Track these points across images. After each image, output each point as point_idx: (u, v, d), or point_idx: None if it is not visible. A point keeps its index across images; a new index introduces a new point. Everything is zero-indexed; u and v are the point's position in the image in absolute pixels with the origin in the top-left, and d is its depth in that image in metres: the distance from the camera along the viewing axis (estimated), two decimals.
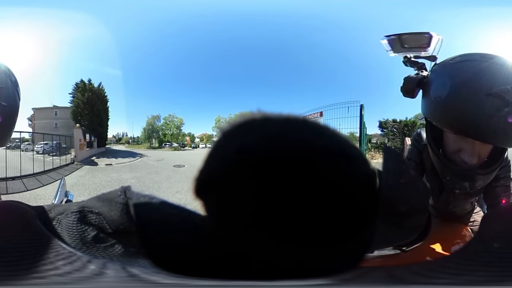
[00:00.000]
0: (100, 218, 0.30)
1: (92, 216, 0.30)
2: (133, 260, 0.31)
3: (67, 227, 0.31)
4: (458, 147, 0.74)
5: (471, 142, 0.71)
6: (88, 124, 16.75)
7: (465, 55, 0.67)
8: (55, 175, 8.67)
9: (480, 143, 0.70)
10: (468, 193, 0.96)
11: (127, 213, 0.29)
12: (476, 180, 0.76)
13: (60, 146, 12.56)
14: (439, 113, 0.71)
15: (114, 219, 0.29)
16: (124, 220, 0.29)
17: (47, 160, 10.21)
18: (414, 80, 0.77)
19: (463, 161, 0.74)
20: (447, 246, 0.82)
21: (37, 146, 13.20)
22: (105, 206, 0.30)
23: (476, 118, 0.62)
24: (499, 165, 0.77)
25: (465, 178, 0.76)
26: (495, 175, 0.89)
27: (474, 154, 0.72)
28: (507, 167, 0.92)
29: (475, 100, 0.61)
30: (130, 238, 0.30)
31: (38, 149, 12.62)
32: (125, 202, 0.29)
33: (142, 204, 0.28)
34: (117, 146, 25.39)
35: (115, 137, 29.55)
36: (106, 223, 0.30)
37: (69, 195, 1.16)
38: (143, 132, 29.20)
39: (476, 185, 0.77)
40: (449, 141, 0.77)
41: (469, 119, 0.62)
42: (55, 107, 21.33)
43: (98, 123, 17.72)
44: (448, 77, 0.67)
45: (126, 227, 0.29)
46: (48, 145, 12.52)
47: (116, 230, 0.30)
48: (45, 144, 12.44)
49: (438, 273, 0.31)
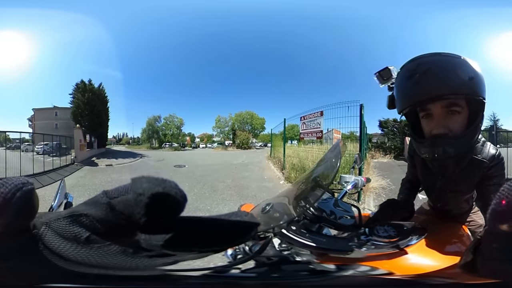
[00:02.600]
0: (89, 219, 0.34)
1: (83, 219, 0.34)
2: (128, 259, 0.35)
3: (59, 231, 0.34)
4: (430, 127, 0.91)
5: (436, 118, 0.89)
6: (89, 125, 16.77)
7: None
8: (55, 176, 8.68)
9: (442, 116, 0.87)
10: (458, 189, 1.03)
11: (111, 210, 0.33)
12: (444, 145, 0.87)
13: (60, 146, 12.56)
14: (402, 101, 0.93)
15: (102, 218, 0.33)
16: (109, 217, 0.33)
17: (47, 161, 10.21)
18: (391, 96, 1.03)
19: (433, 135, 0.90)
20: (444, 245, 0.82)
21: (37, 146, 13.23)
22: (91, 208, 0.34)
23: (406, 90, 0.91)
24: (470, 133, 0.88)
25: (433, 144, 0.89)
26: (487, 174, 0.90)
27: (441, 126, 0.88)
28: (500, 164, 0.93)
29: (401, 82, 0.93)
30: (122, 238, 0.35)
31: (38, 149, 12.65)
32: (107, 202, 0.33)
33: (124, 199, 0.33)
34: (117, 147, 25.39)
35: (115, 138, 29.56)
36: (97, 222, 0.34)
37: (69, 197, 1.15)
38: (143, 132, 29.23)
39: (446, 150, 0.87)
40: (424, 128, 0.94)
41: (405, 93, 0.91)
42: (55, 108, 21.36)
43: (99, 124, 17.74)
44: (397, 76, 0.97)
45: (115, 223, 0.33)
46: (48, 146, 12.54)
47: (107, 229, 0.34)
48: (45, 144, 12.45)
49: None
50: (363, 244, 0.78)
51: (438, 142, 0.88)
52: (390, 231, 0.83)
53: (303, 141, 9.26)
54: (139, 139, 30.44)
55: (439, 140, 0.88)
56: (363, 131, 6.11)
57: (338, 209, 0.91)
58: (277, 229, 0.82)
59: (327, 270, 0.51)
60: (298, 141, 10.72)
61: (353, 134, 7.58)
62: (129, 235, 0.34)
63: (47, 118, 20.63)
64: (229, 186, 7.36)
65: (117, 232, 0.34)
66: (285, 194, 1.01)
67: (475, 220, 1.21)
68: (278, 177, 8.59)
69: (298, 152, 8.91)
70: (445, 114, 0.87)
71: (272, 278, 0.67)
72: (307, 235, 0.79)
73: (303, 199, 0.88)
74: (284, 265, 0.78)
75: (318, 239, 0.78)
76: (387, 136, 15.93)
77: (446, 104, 0.86)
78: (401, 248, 0.77)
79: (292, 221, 0.83)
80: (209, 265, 0.57)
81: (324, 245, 0.76)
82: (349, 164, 2.25)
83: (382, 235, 0.80)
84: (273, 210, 0.92)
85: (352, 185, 1.28)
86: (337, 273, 0.53)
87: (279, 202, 0.96)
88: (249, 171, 10.21)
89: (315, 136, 7.84)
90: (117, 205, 0.33)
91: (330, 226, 0.86)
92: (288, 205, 0.90)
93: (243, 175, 9.26)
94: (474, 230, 1.18)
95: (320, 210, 0.87)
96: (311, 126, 8.01)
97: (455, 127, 0.87)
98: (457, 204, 1.13)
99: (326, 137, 8.46)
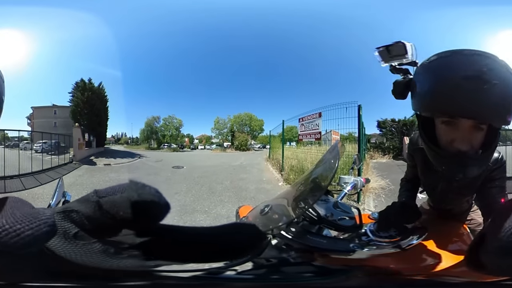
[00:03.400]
0: (79, 215, 0.36)
1: (73, 215, 0.36)
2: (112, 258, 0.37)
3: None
4: (451, 137, 0.79)
5: (461, 130, 0.77)
6: (88, 124, 16.71)
7: (438, 53, 0.76)
8: (53, 174, 8.64)
9: (469, 130, 0.76)
10: (461, 192, 0.98)
11: (99, 209, 0.35)
12: (469, 166, 0.79)
13: (59, 145, 12.52)
14: (427, 102, 0.77)
15: (89, 215, 0.35)
16: (98, 215, 0.35)
17: (45, 159, 10.17)
18: (402, 82, 0.87)
19: (456, 149, 0.78)
20: (445, 244, 0.82)
21: (36, 145, 13.14)
22: (82, 205, 0.36)
23: (455, 97, 0.69)
24: (492, 151, 0.81)
25: (459, 163, 0.79)
26: (490, 176, 0.90)
27: (466, 141, 0.77)
28: (502, 168, 0.94)
29: (453, 84, 0.69)
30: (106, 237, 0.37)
31: (37, 148, 12.57)
32: (96, 200, 0.35)
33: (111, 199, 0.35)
34: (116, 146, 25.28)
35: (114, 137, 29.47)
36: (85, 219, 0.35)
37: (67, 195, 1.15)
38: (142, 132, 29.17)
39: (470, 171, 0.79)
40: (441, 133, 0.81)
41: (450, 99, 0.71)
42: (54, 106, 21.28)
43: (98, 123, 17.67)
44: (428, 72, 0.77)
45: (101, 222, 0.35)
46: (47, 144, 12.48)
47: (94, 227, 0.36)
48: (44, 143, 12.39)
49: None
50: (364, 244, 0.78)
51: (465, 162, 0.78)
52: (391, 231, 0.83)
53: (302, 143, 9.27)
54: (138, 139, 30.33)
55: (465, 160, 0.78)
56: (362, 132, 6.11)
57: (338, 210, 0.91)
58: (276, 230, 0.81)
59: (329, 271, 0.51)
60: (296, 142, 10.72)
61: (352, 135, 7.59)
62: (114, 234, 0.36)
63: (46, 116, 20.54)
64: (228, 188, 7.34)
65: (103, 230, 0.36)
66: (284, 196, 1.01)
67: (475, 218, 1.21)
68: (277, 178, 8.58)
69: (296, 154, 8.91)
70: (471, 129, 0.76)
71: (271, 280, 0.66)
72: (307, 237, 0.79)
73: (302, 201, 0.88)
74: (283, 266, 0.77)
75: (319, 240, 0.78)
76: (386, 136, 15.92)
77: (478, 121, 0.75)
78: (403, 248, 0.77)
79: (291, 222, 0.83)
80: (204, 266, 0.55)
81: (326, 246, 0.76)
82: (348, 165, 2.25)
83: (383, 235, 0.80)
84: (272, 211, 0.92)
85: (351, 186, 1.29)
86: (339, 274, 0.53)
87: (278, 204, 0.96)
88: (248, 173, 10.19)
89: (313, 137, 7.86)
90: (104, 204, 0.34)
91: (330, 227, 0.86)
92: (287, 207, 0.90)
93: (241, 177, 9.24)
94: (473, 228, 1.19)
95: (320, 212, 0.87)
96: (309, 127, 8.03)
97: (476, 144, 0.79)
98: (458, 204, 1.13)
99: (325, 138, 8.47)
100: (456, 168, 0.80)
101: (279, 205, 0.95)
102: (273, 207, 0.94)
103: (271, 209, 0.93)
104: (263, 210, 0.94)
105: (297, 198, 0.90)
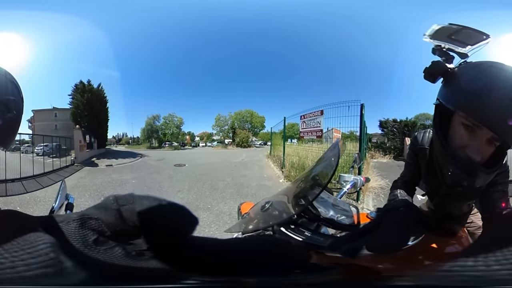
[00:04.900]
0: (99, 222, 0.36)
1: (92, 222, 0.36)
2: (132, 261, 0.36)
3: (69, 233, 0.35)
4: (465, 142, 0.77)
5: (478, 140, 0.74)
6: (88, 125, 16.74)
7: (503, 63, 0.73)
8: (55, 177, 8.67)
9: (485, 143, 0.74)
10: (465, 196, 0.96)
11: (120, 216, 0.36)
12: (477, 177, 0.77)
13: (60, 147, 12.55)
14: (463, 99, 0.75)
15: (111, 222, 0.36)
16: (118, 222, 0.36)
17: (47, 162, 10.21)
18: (441, 65, 0.80)
19: (467, 157, 0.76)
20: (442, 247, 0.82)
21: (37, 148, 13.20)
22: (101, 212, 0.37)
23: (495, 110, 0.68)
24: (499, 167, 0.79)
25: (468, 173, 0.77)
26: (492, 181, 0.89)
27: (479, 152, 0.75)
28: (505, 172, 0.92)
29: (500, 98, 0.67)
30: (127, 241, 0.37)
31: (38, 151, 12.62)
32: (117, 208, 0.37)
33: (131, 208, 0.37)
34: (117, 147, 25.34)
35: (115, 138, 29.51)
36: (105, 226, 0.36)
37: (69, 198, 1.15)
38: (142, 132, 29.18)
39: (476, 182, 0.78)
40: (456, 135, 0.79)
41: (489, 108, 0.68)
42: (54, 109, 21.31)
43: (98, 124, 17.70)
44: (484, 74, 0.73)
45: (122, 228, 0.36)
46: (48, 147, 12.52)
47: (114, 232, 0.36)
48: (45, 145, 12.44)
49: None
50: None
51: (474, 171, 0.77)
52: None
53: (303, 140, 9.27)
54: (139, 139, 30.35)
55: (475, 170, 0.77)
56: (363, 131, 6.09)
57: (337, 208, 0.91)
58: (276, 227, 0.82)
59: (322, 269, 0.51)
60: (298, 139, 10.72)
61: (353, 133, 7.57)
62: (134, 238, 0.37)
63: (46, 119, 20.59)
64: (229, 185, 7.37)
65: (123, 236, 0.37)
66: (285, 193, 1.01)
67: (474, 221, 1.19)
68: (278, 175, 8.60)
69: (297, 151, 8.92)
70: (487, 141, 0.75)
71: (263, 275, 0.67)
72: (305, 234, 0.80)
73: (302, 198, 0.88)
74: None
75: (316, 237, 0.79)
76: (387, 136, 15.91)
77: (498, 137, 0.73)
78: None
79: (290, 219, 0.83)
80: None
81: (322, 244, 0.77)
82: (349, 163, 2.25)
83: None
84: (273, 208, 0.93)
85: (351, 185, 1.29)
86: (334, 272, 0.53)
87: (278, 201, 0.97)
88: (249, 170, 10.22)
89: (315, 135, 7.85)
90: (125, 212, 0.36)
91: (328, 225, 0.86)
92: (288, 204, 0.91)
93: (243, 174, 9.27)
94: (473, 231, 1.17)
95: (319, 209, 0.87)
96: (311, 125, 8.01)
97: (485, 156, 0.77)
98: (459, 207, 1.11)
99: (326, 136, 8.46)
100: (463, 175, 0.78)
101: (279, 202, 0.96)
102: (273, 204, 0.95)
103: (272, 205, 0.94)
104: (264, 207, 0.95)
105: (297, 195, 0.91)
